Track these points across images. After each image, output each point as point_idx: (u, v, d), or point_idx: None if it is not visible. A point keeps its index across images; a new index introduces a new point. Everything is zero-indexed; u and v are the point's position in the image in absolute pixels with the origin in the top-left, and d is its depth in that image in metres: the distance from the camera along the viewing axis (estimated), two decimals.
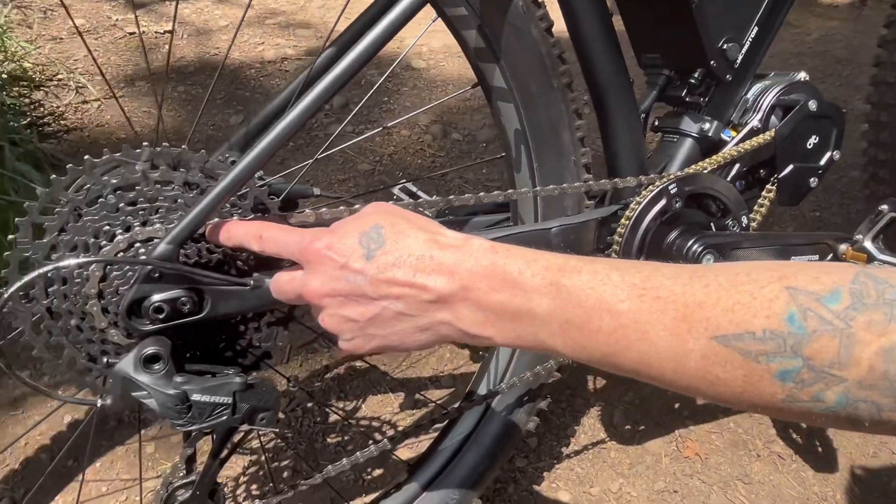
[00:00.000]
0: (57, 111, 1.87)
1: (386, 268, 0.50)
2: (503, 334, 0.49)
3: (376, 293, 0.51)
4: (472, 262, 0.49)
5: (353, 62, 0.64)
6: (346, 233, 0.52)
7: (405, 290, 0.50)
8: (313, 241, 0.53)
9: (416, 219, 0.54)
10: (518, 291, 0.47)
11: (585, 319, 0.44)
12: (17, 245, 0.63)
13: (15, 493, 1.05)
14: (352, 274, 0.51)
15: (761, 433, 1.19)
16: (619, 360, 0.44)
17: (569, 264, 0.47)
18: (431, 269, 0.49)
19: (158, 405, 0.60)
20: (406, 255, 0.50)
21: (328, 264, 0.52)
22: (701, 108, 0.87)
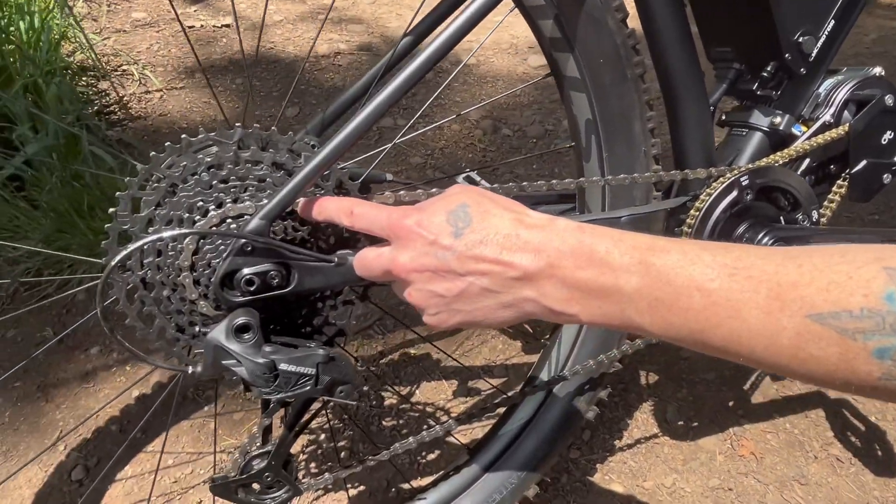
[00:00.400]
0: (122, 100, 1.94)
1: (473, 245, 0.52)
2: (588, 311, 0.50)
3: (463, 269, 0.52)
4: (559, 241, 0.50)
5: (435, 51, 0.65)
6: (435, 211, 0.54)
7: (492, 267, 0.51)
8: (403, 218, 0.55)
9: (501, 200, 0.56)
10: (605, 269, 0.48)
11: (675, 297, 0.45)
12: (117, 218, 0.66)
13: (88, 461, 1.10)
14: (440, 250, 0.53)
15: (818, 435, 1.17)
16: (708, 336, 0.45)
17: (658, 244, 0.48)
18: (518, 247, 0.51)
19: (248, 373, 0.63)
20: (493, 233, 0.52)
21: (417, 241, 0.54)
22: (772, 102, 0.86)
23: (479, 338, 1.34)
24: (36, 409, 1.18)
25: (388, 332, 1.34)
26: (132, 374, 1.24)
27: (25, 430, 1.15)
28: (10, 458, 1.10)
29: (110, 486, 1.07)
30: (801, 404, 1.22)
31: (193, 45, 2.25)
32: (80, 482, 1.07)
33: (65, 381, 1.22)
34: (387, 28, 2.59)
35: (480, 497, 0.90)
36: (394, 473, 1.10)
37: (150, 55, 2.20)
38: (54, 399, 1.19)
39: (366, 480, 1.08)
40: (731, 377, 1.27)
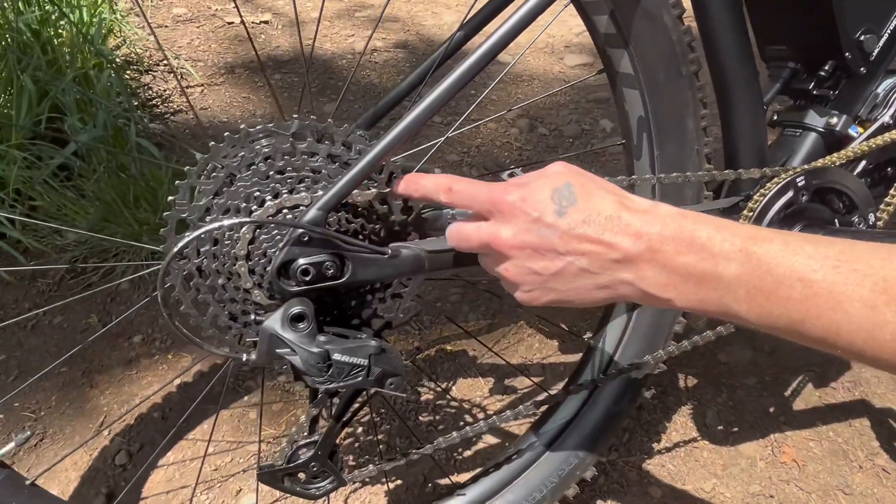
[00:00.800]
0: (164, 94, 1.97)
1: (577, 224, 0.52)
2: (685, 297, 0.50)
3: (565, 248, 0.52)
4: (661, 225, 0.50)
5: (492, 46, 0.65)
6: (540, 188, 0.54)
7: (593, 248, 0.51)
8: (506, 194, 0.55)
9: (604, 182, 0.56)
10: (706, 255, 0.48)
11: (775, 287, 0.45)
12: (176, 206, 0.67)
13: (131, 446, 1.12)
14: (543, 228, 0.53)
15: (863, 444, 1.14)
16: (807, 328, 0.45)
17: (760, 234, 0.48)
18: (620, 229, 0.51)
19: (302, 362, 0.63)
20: (596, 214, 0.52)
21: (521, 217, 0.54)
22: (828, 102, 0.84)
23: (515, 336, 1.34)
24: (81, 395, 1.20)
25: (425, 327, 1.35)
26: (174, 362, 1.26)
27: (71, 414, 1.17)
28: (57, 440, 1.13)
29: (152, 471, 1.09)
30: (844, 413, 1.20)
31: (253, 42, 2.29)
32: (124, 466, 1.09)
33: (109, 368, 1.25)
34: (422, 26, 2.59)
35: (521, 494, 0.90)
36: (430, 469, 1.10)
37: (190, 50, 2.23)
38: (98, 385, 1.22)
39: (403, 475, 1.09)
40: (771, 383, 1.25)
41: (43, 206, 1.41)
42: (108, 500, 1.04)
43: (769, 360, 1.29)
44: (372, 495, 1.06)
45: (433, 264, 0.69)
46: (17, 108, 1.46)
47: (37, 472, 0.83)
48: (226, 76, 2.12)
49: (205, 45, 2.26)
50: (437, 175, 0.62)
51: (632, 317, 0.89)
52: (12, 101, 1.46)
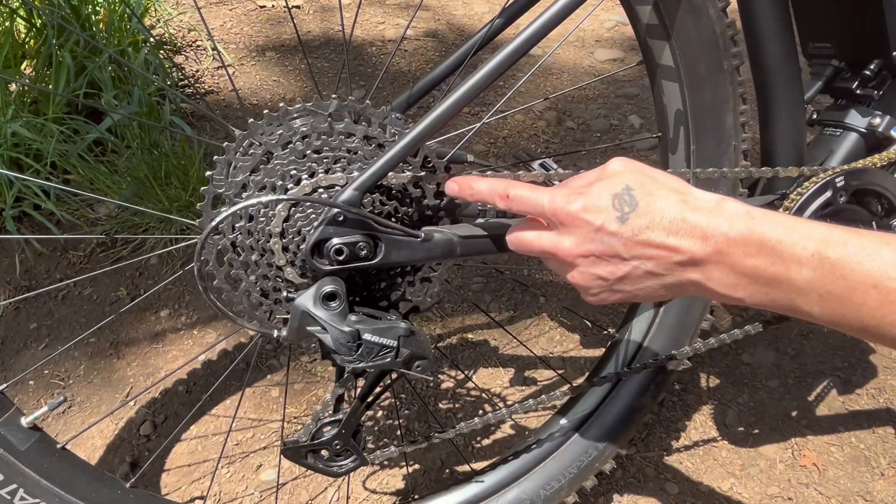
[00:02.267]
0: (196, 74, 1.99)
1: (640, 230, 0.51)
2: (754, 297, 0.50)
3: (629, 254, 0.52)
4: (727, 227, 0.49)
5: (531, 34, 0.65)
6: (600, 195, 0.53)
7: (658, 252, 0.51)
8: (568, 204, 0.54)
9: (665, 178, 0.55)
10: (776, 259, 0.48)
11: (849, 292, 0.45)
12: (213, 181, 0.68)
13: (156, 418, 1.15)
14: (607, 236, 0.52)
15: (886, 451, 1.13)
16: (881, 332, 0.45)
17: (834, 236, 0.47)
18: (685, 231, 0.50)
19: (332, 340, 0.64)
20: (659, 218, 0.51)
21: (584, 227, 0.53)
22: (871, 103, 0.83)
23: (537, 327, 1.34)
24: (108, 365, 1.23)
25: (448, 315, 1.35)
26: (199, 337, 1.28)
27: (98, 383, 1.20)
28: (85, 408, 1.15)
29: (176, 444, 1.11)
30: (868, 419, 1.18)
31: (296, 26, 2.30)
32: (148, 437, 1.11)
33: (136, 341, 1.27)
34: (453, 16, 2.58)
35: (538, 483, 0.90)
36: (448, 454, 1.11)
37: (222, 32, 2.25)
38: (125, 356, 1.24)
39: (420, 459, 1.10)
40: (794, 386, 1.24)
41: (76, 180, 1.44)
42: (132, 468, 1.06)
43: (793, 363, 1.28)
44: (390, 477, 1.07)
45: (465, 249, 0.69)
46: (55, 82, 1.49)
47: (64, 438, 0.85)
48: (257, 59, 2.13)
49: (237, 28, 2.28)
50: (494, 179, 0.61)
51: (659, 312, 0.88)
52: (51, 76, 1.48)
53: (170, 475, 1.07)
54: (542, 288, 1.42)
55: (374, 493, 1.05)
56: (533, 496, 0.90)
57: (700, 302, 0.87)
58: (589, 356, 1.28)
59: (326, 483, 1.06)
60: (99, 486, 0.81)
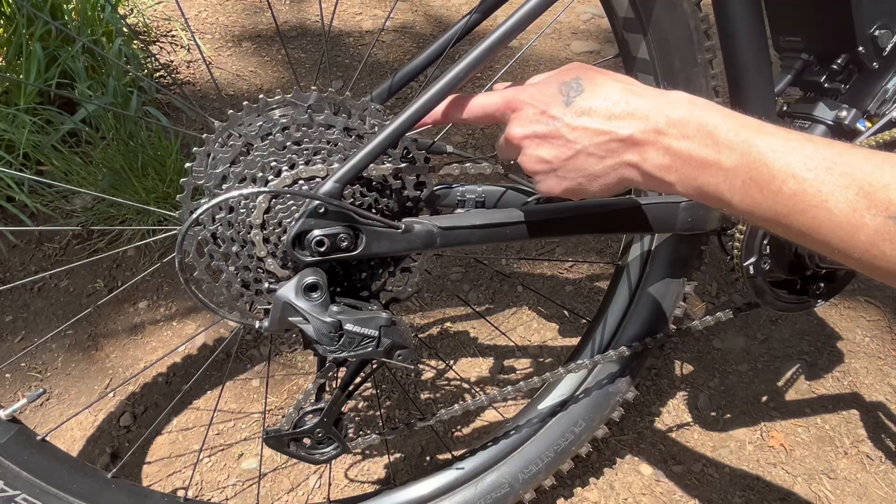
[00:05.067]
0: (171, 64, 1.96)
1: (582, 112, 0.54)
2: (684, 182, 0.52)
3: (572, 135, 0.55)
4: (669, 109, 0.52)
5: (508, 29, 0.66)
6: (549, 83, 0.57)
7: (598, 132, 0.54)
8: (518, 94, 0.58)
9: (614, 74, 0.57)
10: (710, 142, 0.50)
11: (769, 179, 0.47)
12: (193, 173, 0.68)
13: (135, 409, 1.14)
14: (550, 119, 0.56)
15: (849, 432, 1.17)
16: (789, 221, 0.47)
17: (766, 127, 0.50)
18: (626, 113, 0.53)
19: (314, 331, 0.65)
20: (602, 101, 0.54)
21: (529, 111, 0.57)
22: (839, 96, 0.85)
23: (515, 317, 1.36)
24: (87, 357, 1.22)
25: (427, 305, 1.36)
26: (178, 329, 1.27)
27: (77, 375, 1.19)
28: (63, 400, 1.15)
29: (156, 435, 1.11)
30: (832, 401, 1.22)
31: (275, 16, 2.27)
32: (128, 428, 1.11)
33: (114, 332, 1.26)
34: (430, 7, 2.58)
35: (517, 467, 0.92)
36: (427, 441, 1.12)
37: (198, 22, 2.22)
38: (104, 348, 1.24)
39: (401, 447, 1.11)
40: (763, 370, 1.27)
41: (51, 172, 1.42)
42: (113, 459, 1.06)
43: (762, 348, 1.31)
44: (371, 465, 1.09)
45: (445, 240, 0.70)
46: (25, 72, 1.46)
47: (43, 430, 0.85)
48: (233, 49, 2.11)
49: (212, 18, 2.25)
50: (452, 97, 0.65)
51: (634, 300, 0.91)
52: (21, 66, 1.45)
53: (151, 466, 1.07)
54: (520, 277, 1.44)
55: (355, 481, 1.07)
56: (511, 480, 0.92)
57: (675, 290, 0.90)
58: (566, 344, 1.30)
59: (308, 471, 1.08)
60: (80, 477, 0.81)
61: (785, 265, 0.81)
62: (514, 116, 0.58)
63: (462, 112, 0.63)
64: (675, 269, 0.88)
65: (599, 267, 1.48)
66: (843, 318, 1.37)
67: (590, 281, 1.44)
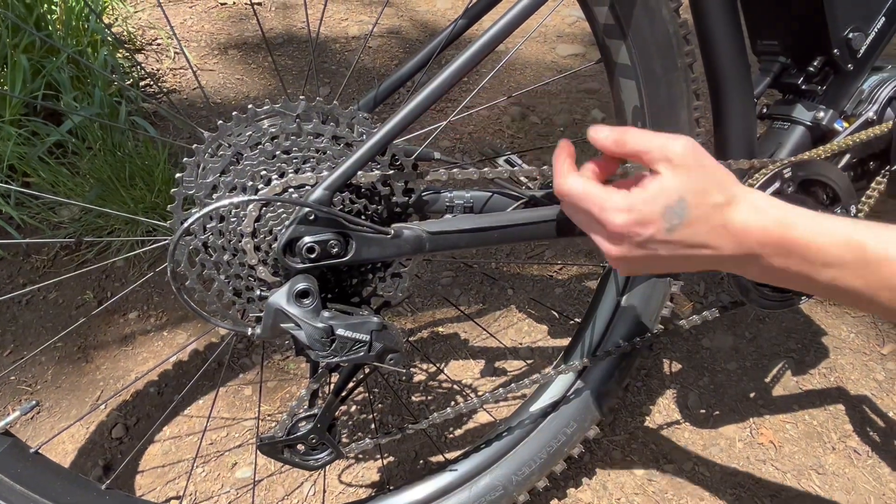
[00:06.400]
0: (157, 74, 1.96)
1: (684, 238, 0.57)
2: (782, 283, 0.58)
3: (670, 254, 0.58)
4: (762, 234, 0.55)
5: (495, 34, 0.67)
6: (653, 209, 0.56)
7: (697, 251, 0.57)
8: (615, 218, 0.57)
9: (717, 180, 0.57)
10: (803, 261, 0.54)
11: (868, 288, 0.53)
12: (183, 183, 0.69)
13: (127, 420, 1.14)
14: (653, 243, 0.57)
15: (837, 427, 1.19)
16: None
17: (854, 239, 0.53)
18: (723, 235, 0.56)
19: (306, 336, 0.66)
20: (703, 225, 0.56)
21: (633, 238, 0.58)
22: (816, 97, 0.87)
23: (506, 319, 1.37)
24: (77, 369, 1.22)
25: (418, 309, 1.37)
26: (169, 339, 1.27)
27: (67, 388, 1.19)
28: (54, 413, 1.14)
29: (149, 445, 1.11)
30: (820, 397, 1.24)
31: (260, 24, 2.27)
32: (121, 440, 1.11)
33: (104, 344, 1.26)
34: (416, 12, 2.59)
35: (510, 469, 0.93)
36: (421, 445, 1.13)
37: (183, 30, 2.22)
38: (94, 360, 1.23)
39: (395, 451, 1.12)
40: (751, 368, 1.29)
41: (37, 183, 1.41)
42: (106, 471, 1.06)
43: (750, 346, 1.33)
44: (365, 470, 1.09)
45: (434, 245, 0.71)
46: (10, 83, 1.46)
47: (34, 444, 0.85)
48: (219, 57, 2.11)
49: (198, 26, 2.25)
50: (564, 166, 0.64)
51: (621, 300, 0.92)
52: (6, 77, 1.45)
53: (144, 476, 1.07)
54: (510, 280, 1.45)
55: (349, 486, 1.07)
56: (505, 482, 0.93)
57: (661, 290, 0.91)
58: (557, 345, 1.31)
59: (302, 478, 1.08)
60: (74, 489, 0.81)
61: None
62: (614, 239, 0.59)
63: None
64: None
65: (588, 269, 1.49)
66: (828, 315, 1.39)
67: (579, 282, 1.46)
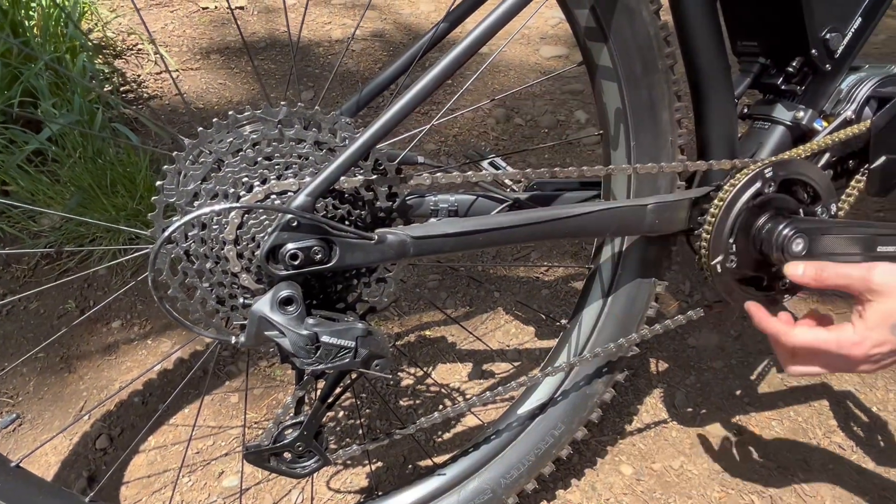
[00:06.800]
0: (138, 79, 1.95)
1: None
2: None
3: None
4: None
5: (476, 37, 0.67)
6: (881, 332, 0.68)
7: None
8: (860, 354, 0.69)
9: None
10: None
11: None
12: (164, 191, 0.68)
13: (112, 430, 1.13)
14: (891, 355, 0.68)
15: (822, 423, 1.20)
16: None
17: None
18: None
19: (291, 344, 0.65)
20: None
21: (874, 358, 0.69)
22: (795, 97, 0.88)
23: (493, 321, 1.37)
24: (59, 380, 1.20)
25: (405, 313, 1.37)
26: (153, 347, 1.26)
27: (49, 399, 1.17)
28: (36, 425, 1.12)
29: (134, 455, 1.10)
30: (805, 394, 1.25)
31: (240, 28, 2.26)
32: (105, 451, 1.10)
33: (87, 354, 1.24)
34: (399, 14, 2.59)
35: (498, 472, 0.93)
36: (410, 450, 1.12)
37: (164, 35, 2.20)
38: (77, 370, 1.22)
39: (383, 457, 1.11)
40: (737, 366, 1.30)
41: (16, 192, 1.39)
42: (90, 483, 1.05)
43: (735, 345, 1.34)
44: (353, 476, 1.08)
45: (418, 249, 0.71)
46: None
47: (16, 456, 0.83)
48: (201, 62, 2.09)
49: (179, 31, 2.23)
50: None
51: (607, 302, 0.92)
52: None
53: (129, 487, 1.06)
54: (496, 282, 1.45)
55: (338, 493, 1.06)
56: (494, 485, 0.93)
57: (646, 291, 0.91)
58: (544, 347, 1.31)
59: (290, 485, 1.07)
60: (57, 502, 0.80)
61: (751, 263, 0.83)
62: (857, 361, 0.70)
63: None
64: (646, 269, 0.90)
65: (574, 270, 1.49)
66: None
67: (565, 284, 1.46)
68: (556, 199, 0.91)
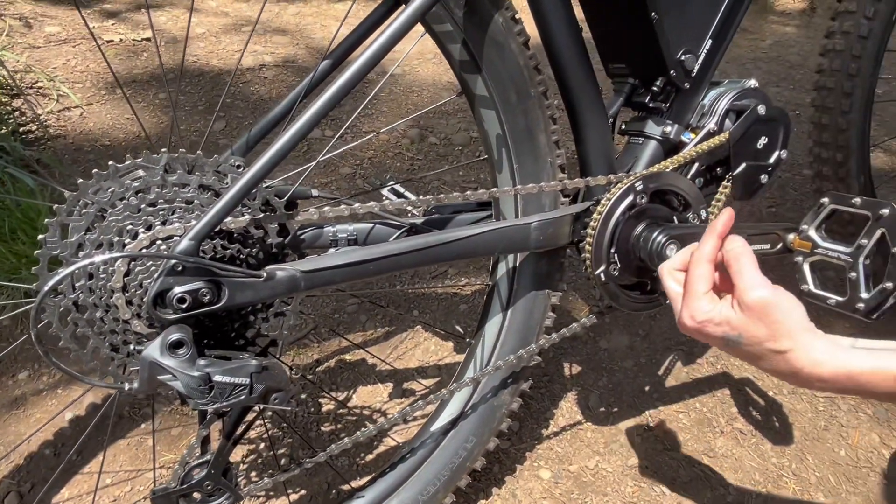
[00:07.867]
0: (39, 119, 1.89)
1: (739, 355, 0.70)
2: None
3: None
4: (817, 379, 0.65)
5: (354, 74, 0.70)
6: (716, 331, 0.69)
7: (755, 361, 0.70)
8: (686, 324, 0.72)
9: (785, 330, 0.66)
10: (860, 387, 0.65)
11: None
12: (47, 244, 0.68)
13: (21, 487, 1.09)
14: (715, 343, 0.71)
15: (724, 411, 1.28)
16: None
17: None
18: (781, 364, 0.67)
19: (183, 386, 0.66)
20: (758, 357, 0.68)
21: (703, 331, 0.71)
22: (663, 113, 0.95)
23: (412, 340, 1.40)
24: None
25: (324, 340, 1.38)
26: (64, 396, 1.23)
27: None
28: None
29: None
30: (708, 384, 1.33)
31: (108, 61, 2.21)
32: None
33: None
34: (311, 39, 2.61)
35: (415, 490, 0.95)
36: (334, 476, 1.14)
37: (66, 71, 2.15)
38: None
39: (306, 485, 1.12)
40: (646, 364, 1.37)
41: None
42: None
43: (644, 343, 1.41)
44: None
45: (309, 283, 0.73)
46: None
47: None
48: (107, 97, 2.05)
49: (82, 66, 2.18)
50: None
51: (506, 315, 0.96)
52: None
53: None
54: (414, 302, 1.48)
55: None
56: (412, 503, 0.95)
57: (542, 303, 0.96)
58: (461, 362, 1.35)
59: None
60: None
61: (632, 270, 0.89)
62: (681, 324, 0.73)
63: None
64: (540, 283, 0.95)
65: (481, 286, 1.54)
66: None
67: (482, 298, 1.50)
68: (451, 221, 0.95)
